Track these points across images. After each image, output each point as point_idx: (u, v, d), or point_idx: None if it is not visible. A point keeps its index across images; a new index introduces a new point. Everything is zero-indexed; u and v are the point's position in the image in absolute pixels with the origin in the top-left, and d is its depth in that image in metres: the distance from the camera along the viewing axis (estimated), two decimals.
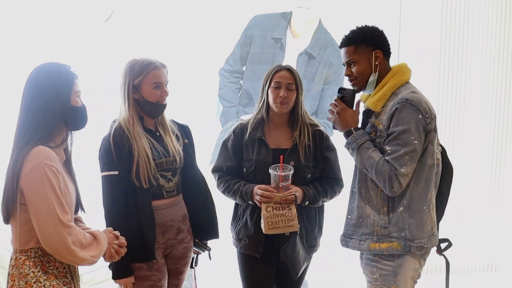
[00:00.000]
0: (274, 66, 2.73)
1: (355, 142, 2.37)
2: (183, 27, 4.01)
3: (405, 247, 2.36)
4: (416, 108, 2.27)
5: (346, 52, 2.44)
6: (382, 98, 2.37)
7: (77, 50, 3.74)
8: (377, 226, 2.40)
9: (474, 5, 4.24)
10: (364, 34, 2.41)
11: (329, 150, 2.77)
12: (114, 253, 2.18)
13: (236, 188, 2.69)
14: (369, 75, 2.40)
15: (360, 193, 2.45)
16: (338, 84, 4.21)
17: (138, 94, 2.48)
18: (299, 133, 2.69)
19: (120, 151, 2.43)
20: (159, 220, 2.51)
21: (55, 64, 2.08)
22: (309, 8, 4.18)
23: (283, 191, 2.58)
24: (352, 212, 2.49)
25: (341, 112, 2.43)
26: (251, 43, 4.18)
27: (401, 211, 2.36)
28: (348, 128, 2.42)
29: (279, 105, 2.65)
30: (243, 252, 2.77)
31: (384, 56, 2.42)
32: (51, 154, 1.96)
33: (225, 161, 2.77)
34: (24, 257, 1.98)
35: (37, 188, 1.90)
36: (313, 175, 2.73)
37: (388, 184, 2.27)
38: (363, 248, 2.44)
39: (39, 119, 1.99)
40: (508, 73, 4.33)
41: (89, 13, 3.82)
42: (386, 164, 2.28)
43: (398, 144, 2.27)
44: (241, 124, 2.79)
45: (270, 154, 2.68)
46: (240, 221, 2.78)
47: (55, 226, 1.89)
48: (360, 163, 2.38)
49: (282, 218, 2.57)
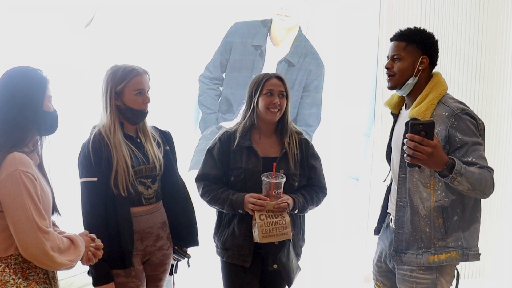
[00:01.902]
0: (262, 74, 2.72)
1: (462, 168, 2.16)
2: (164, 33, 4.01)
3: (463, 256, 2.37)
4: (472, 116, 2.30)
5: (395, 46, 2.40)
6: (430, 107, 2.32)
7: (57, 55, 3.71)
8: (434, 239, 2.37)
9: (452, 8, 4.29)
10: (420, 36, 2.38)
11: (314, 158, 2.79)
12: (91, 256, 2.16)
13: (225, 197, 2.65)
14: (409, 76, 2.38)
15: (412, 207, 2.40)
16: (317, 92, 4.25)
17: (120, 101, 2.47)
18: (289, 141, 2.70)
19: (99, 157, 2.41)
20: (137, 227, 2.50)
21: (27, 68, 2.04)
22: (289, 16, 4.21)
23: (274, 199, 2.57)
24: (403, 227, 2.43)
25: (435, 151, 2.10)
26: (231, 50, 4.19)
27: (456, 220, 2.36)
28: (445, 161, 2.15)
29: (272, 112, 2.64)
30: (230, 262, 2.73)
31: (429, 64, 2.39)
32: (26, 160, 1.94)
33: (212, 169, 2.72)
34: (3, 265, 1.96)
35: (13, 195, 1.88)
36: (299, 183, 2.74)
37: (492, 187, 2.26)
38: (422, 262, 2.39)
39: (12, 125, 1.96)
40: (485, 73, 4.38)
41: (70, 18, 3.79)
42: (484, 170, 2.23)
43: (476, 149, 2.24)
44: (227, 132, 2.75)
45: (260, 162, 2.67)
46: (226, 230, 2.74)
47: (33, 233, 1.88)
48: (467, 184, 2.18)
49: (276, 226, 2.56)
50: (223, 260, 2.78)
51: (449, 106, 2.31)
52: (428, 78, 2.41)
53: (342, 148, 4.31)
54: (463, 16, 4.28)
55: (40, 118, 2.01)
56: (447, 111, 2.30)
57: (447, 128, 2.28)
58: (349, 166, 4.37)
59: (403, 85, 2.40)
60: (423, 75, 2.39)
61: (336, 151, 4.28)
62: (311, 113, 4.27)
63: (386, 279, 2.63)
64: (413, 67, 2.36)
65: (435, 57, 2.42)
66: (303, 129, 2.95)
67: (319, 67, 4.27)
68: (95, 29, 3.87)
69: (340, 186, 4.31)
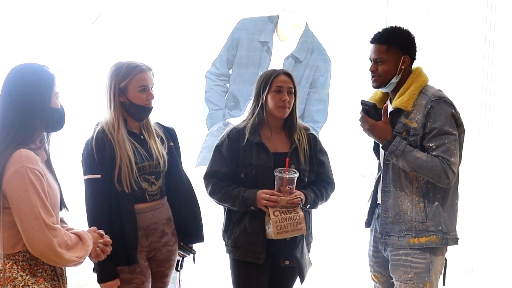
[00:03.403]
0: (270, 70, 2.71)
1: (397, 149, 2.45)
2: (170, 29, 4.01)
3: (442, 240, 2.50)
4: (449, 103, 2.46)
5: (376, 50, 2.52)
6: (412, 97, 2.47)
7: (63, 51, 3.72)
8: (415, 222, 2.49)
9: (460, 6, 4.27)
10: (399, 37, 2.52)
11: (322, 153, 2.80)
12: (100, 252, 2.16)
13: (236, 194, 2.62)
14: (393, 76, 2.50)
15: (395, 192, 2.54)
16: (324, 88, 4.24)
17: (124, 97, 2.47)
18: (298, 137, 2.71)
19: (103, 155, 2.42)
20: (142, 223, 2.50)
21: (34, 64, 2.03)
22: (295, 12, 4.20)
23: (287, 195, 2.57)
24: (387, 210, 2.57)
25: (372, 129, 2.53)
26: (237, 46, 4.19)
27: (437, 205, 2.49)
28: (384, 140, 2.50)
29: (282, 109, 2.63)
30: (242, 259, 2.70)
31: (410, 61, 2.53)
32: (33, 157, 1.94)
33: (221, 166, 2.69)
34: (11, 261, 1.96)
35: (20, 192, 1.88)
36: (309, 179, 2.74)
37: (443, 176, 2.40)
38: (403, 244, 2.52)
39: (20, 122, 1.95)
40: (494, 72, 4.36)
41: (76, 15, 3.80)
42: (435, 159, 2.40)
43: (441, 138, 2.41)
44: (235, 128, 2.73)
45: (271, 158, 2.65)
46: (237, 228, 2.71)
47: (40, 229, 1.88)
48: (408, 166, 2.45)
49: (291, 221, 2.56)
50: (234, 258, 2.75)
51: (427, 95, 2.47)
52: (408, 72, 2.54)
53: (348, 144, 4.30)
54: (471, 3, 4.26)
55: (47, 115, 2.01)
56: (425, 99, 2.46)
57: (424, 116, 2.44)
58: (356, 162, 4.36)
59: (387, 84, 2.53)
60: (405, 72, 2.52)
61: (342, 148, 4.27)
62: (318, 109, 4.26)
63: (384, 269, 2.69)
64: (396, 68, 2.50)
65: (415, 53, 2.57)
66: (310, 125, 2.94)
67: (326, 63, 4.26)
68: (101, 26, 3.87)
69: (347, 182, 4.29)
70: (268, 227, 2.58)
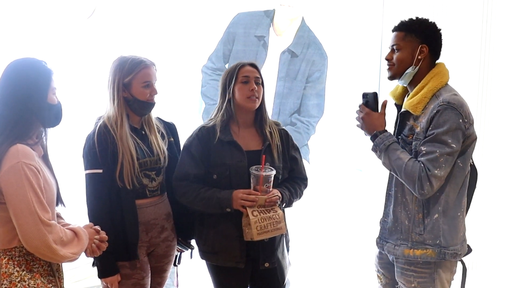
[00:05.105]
0: (234, 63, 2.59)
1: (382, 143, 2.33)
2: (166, 24, 4.00)
3: (439, 255, 2.32)
4: (458, 111, 2.22)
5: (395, 37, 2.37)
6: (422, 101, 2.30)
7: (59, 46, 3.70)
8: (412, 233, 2.35)
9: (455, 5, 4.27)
10: (418, 25, 2.35)
11: (294, 149, 2.70)
12: (95, 248, 2.15)
13: (209, 196, 2.48)
14: (408, 66, 2.34)
15: (396, 197, 2.41)
16: (321, 82, 4.23)
17: (127, 92, 2.45)
18: (270, 130, 2.60)
19: (105, 149, 2.40)
20: (142, 218, 2.49)
21: (32, 59, 2.02)
22: (292, 6, 4.19)
23: (264, 193, 2.44)
24: (388, 216, 2.45)
25: (366, 117, 2.39)
26: (233, 41, 4.18)
27: (436, 218, 2.31)
28: (374, 131, 2.37)
29: (251, 100, 2.52)
30: (221, 265, 2.59)
31: (430, 53, 2.34)
32: (29, 152, 1.93)
33: (191, 168, 2.53)
34: (7, 257, 1.96)
35: (15, 187, 1.88)
36: (283, 176, 2.63)
37: (418, 185, 2.22)
38: (397, 254, 2.39)
39: (17, 117, 1.94)
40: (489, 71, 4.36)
41: (72, 10, 3.78)
42: (416, 165, 2.23)
43: (435, 146, 2.21)
44: (204, 127, 2.58)
45: (244, 157, 2.52)
46: (212, 232, 2.57)
47: (35, 225, 1.87)
48: (388, 165, 2.33)
49: (270, 221, 2.44)
50: (212, 265, 2.63)
51: (438, 99, 2.26)
52: (429, 68, 2.36)
53: (345, 139, 4.30)
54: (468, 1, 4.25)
55: (44, 110, 2.00)
56: (434, 103, 2.26)
57: (428, 121, 2.25)
58: (353, 157, 4.36)
59: (402, 75, 2.36)
60: (424, 65, 2.34)
61: (339, 142, 4.27)
62: (314, 103, 4.25)
63: (387, 271, 2.58)
64: (412, 57, 2.33)
65: (437, 46, 2.38)
66: (306, 120, 2.92)
67: (323, 57, 4.25)
68: (97, 20, 3.85)
69: (344, 177, 4.30)
70: (247, 228, 2.45)
